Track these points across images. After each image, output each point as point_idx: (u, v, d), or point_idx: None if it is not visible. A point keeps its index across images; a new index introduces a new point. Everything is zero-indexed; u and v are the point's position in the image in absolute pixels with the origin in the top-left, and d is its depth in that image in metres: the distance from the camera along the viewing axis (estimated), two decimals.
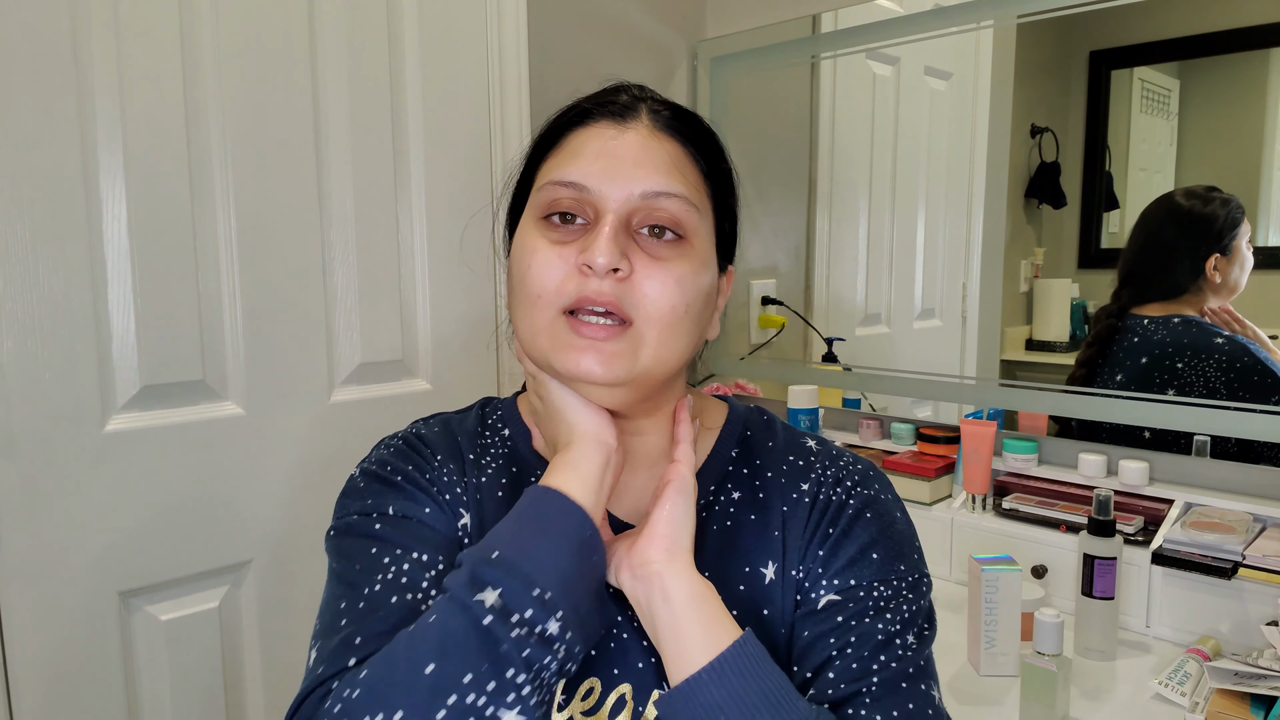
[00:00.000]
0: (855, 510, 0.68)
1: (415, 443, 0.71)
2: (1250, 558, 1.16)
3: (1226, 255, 1.30)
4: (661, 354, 0.62)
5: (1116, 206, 1.42)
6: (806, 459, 0.71)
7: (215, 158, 1.21)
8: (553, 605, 0.54)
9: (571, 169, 0.63)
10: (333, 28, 1.31)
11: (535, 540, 0.56)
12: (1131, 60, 1.39)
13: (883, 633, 0.63)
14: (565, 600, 0.55)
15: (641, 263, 0.61)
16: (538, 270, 0.62)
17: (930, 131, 1.65)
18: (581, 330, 0.60)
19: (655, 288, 0.61)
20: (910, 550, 0.68)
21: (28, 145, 1.05)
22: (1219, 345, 1.31)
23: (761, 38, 1.79)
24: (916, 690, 0.62)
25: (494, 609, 0.53)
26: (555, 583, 0.54)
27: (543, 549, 0.56)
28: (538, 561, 0.55)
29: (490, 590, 0.54)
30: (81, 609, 1.12)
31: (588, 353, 0.60)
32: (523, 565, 0.55)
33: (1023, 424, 1.52)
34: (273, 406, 1.27)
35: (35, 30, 1.05)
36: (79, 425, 1.11)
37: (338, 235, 1.33)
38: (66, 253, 1.08)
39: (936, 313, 1.66)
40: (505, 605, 0.53)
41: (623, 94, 0.67)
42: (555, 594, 0.54)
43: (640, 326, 0.61)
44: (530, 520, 0.57)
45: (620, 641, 0.65)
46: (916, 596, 0.66)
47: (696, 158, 0.66)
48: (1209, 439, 1.31)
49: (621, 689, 0.64)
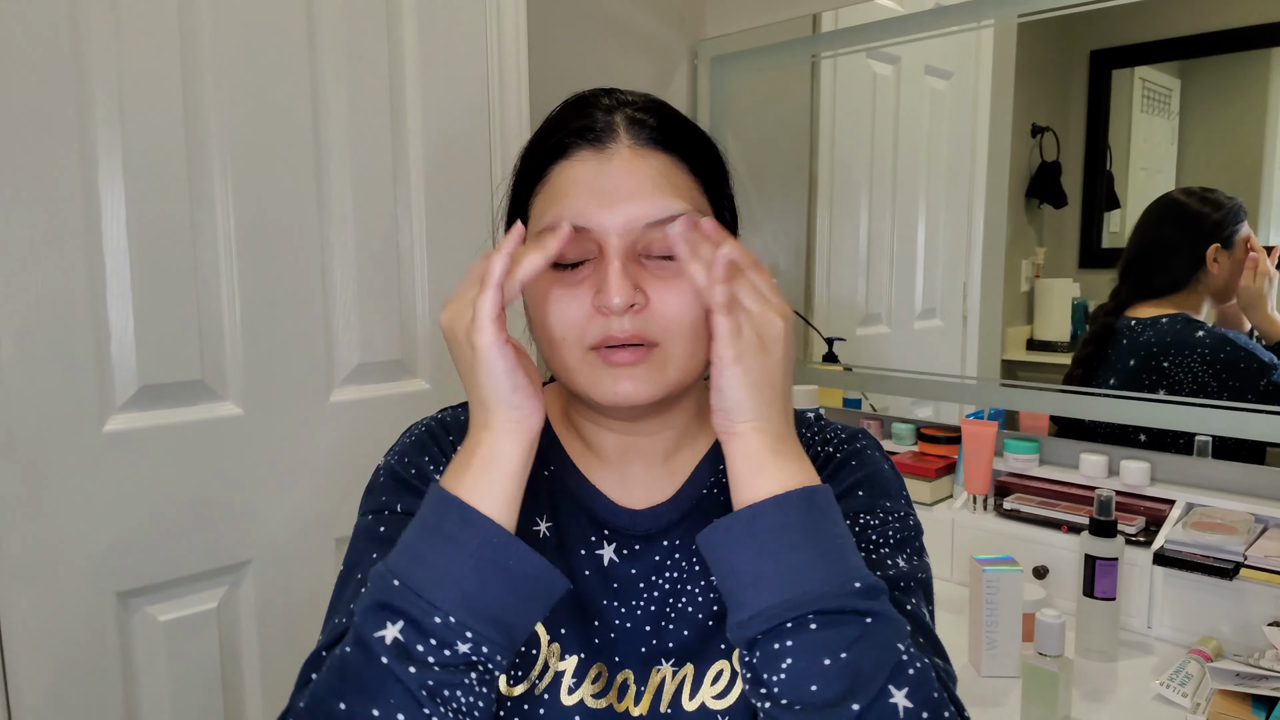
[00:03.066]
0: (841, 459, 0.71)
1: (437, 431, 0.72)
2: (1252, 558, 1.16)
3: (1228, 247, 1.29)
4: (688, 365, 0.64)
5: (1118, 206, 1.42)
6: (805, 427, 0.74)
7: (214, 158, 1.20)
8: (459, 628, 0.54)
9: (564, 210, 0.62)
10: (332, 27, 1.31)
11: (434, 560, 0.55)
12: (1132, 60, 1.39)
13: (869, 554, 0.65)
14: (475, 617, 0.54)
15: (654, 287, 0.62)
16: (556, 317, 0.63)
17: (931, 131, 1.64)
18: (611, 359, 0.62)
19: (673, 308, 0.62)
20: (897, 493, 0.70)
21: (27, 145, 1.05)
22: (1200, 339, 1.31)
23: (762, 37, 1.79)
24: (904, 603, 0.62)
25: (394, 645, 0.54)
26: (459, 604, 0.54)
27: (442, 569, 0.55)
28: (437, 585, 0.55)
29: (390, 626, 0.54)
30: (80, 609, 1.12)
31: (622, 380, 0.62)
32: (423, 592, 0.54)
33: (1024, 424, 1.52)
34: (272, 406, 1.27)
35: (35, 31, 1.05)
36: (78, 425, 1.10)
37: (337, 235, 1.33)
38: (65, 253, 1.08)
39: (937, 312, 1.66)
40: (406, 641, 0.54)
41: (596, 111, 0.65)
42: (461, 616, 0.54)
43: (666, 346, 0.62)
44: (429, 536, 0.57)
45: (623, 631, 0.67)
46: (904, 528, 0.68)
47: (682, 160, 0.65)
48: (1210, 439, 1.31)
49: (624, 674, 0.66)
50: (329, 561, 1.35)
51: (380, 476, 0.71)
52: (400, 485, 0.69)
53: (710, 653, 0.67)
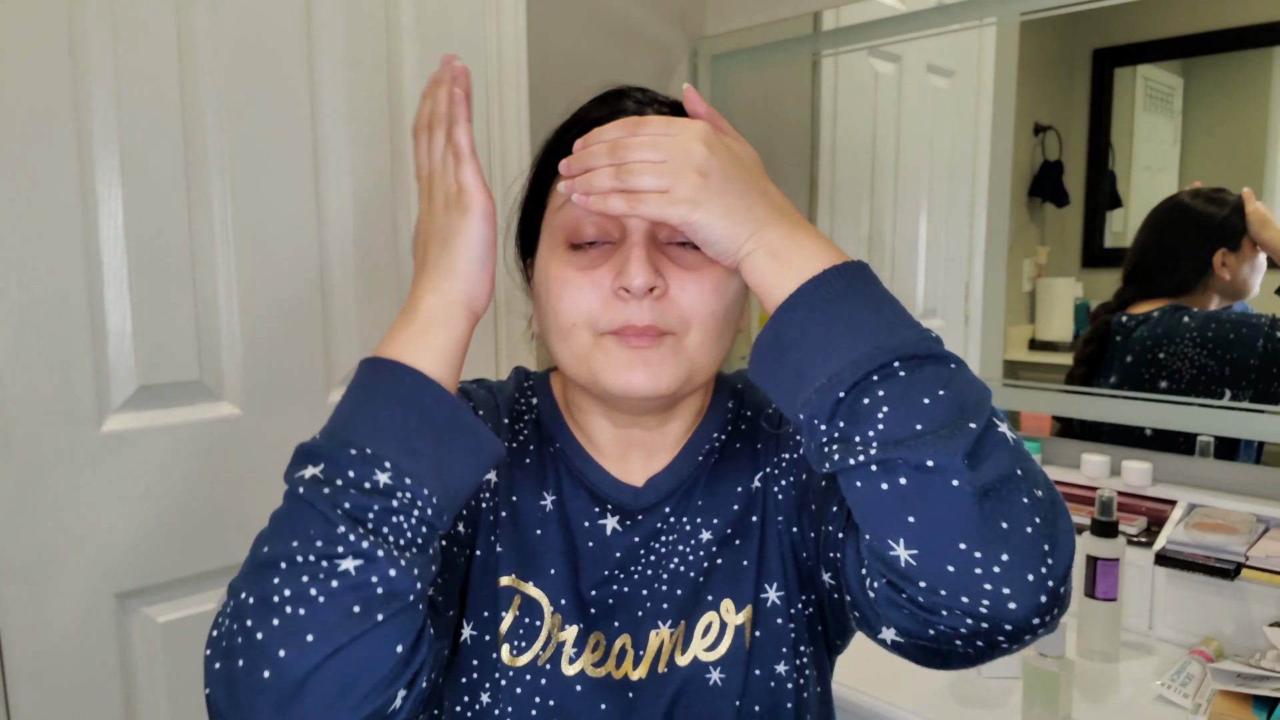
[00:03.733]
0: None
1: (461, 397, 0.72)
2: (1253, 559, 1.15)
3: (1236, 251, 1.29)
4: (703, 361, 0.63)
5: (1120, 205, 1.42)
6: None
7: (212, 157, 1.20)
8: (375, 459, 0.52)
9: None
10: (330, 27, 1.30)
11: (361, 409, 0.54)
12: (1135, 58, 1.38)
13: None
14: (397, 449, 0.52)
15: (675, 276, 0.61)
16: (571, 301, 0.62)
17: (933, 130, 1.64)
18: (629, 341, 0.60)
19: (693, 298, 0.61)
20: None
21: (23, 144, 1.04)
22: (1186, 325, 1.31)
23: (762, 35, 1.78)
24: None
25: (310, 480, 0.52)
26: (379, 439, 0.52)
27: (367, 413, 0.54)
28: (358, 424, 0.53)
29: (311, 467, 0.53)
30: (78, 611, 1.12)
31: (636, 367, 0.60)
32: (341, 432, 0.53)
33: (1025, 424, 1.52)
34: (270, 407, 1.27)
35: (31, 28, 1.04)
36: (75, 425, 1.10)
37: (334, 235, 1.33)
38: (62, 252, 1.08)
39: (939, 312, 1.65)
40: (322, 474, 0.52)
41: (628, 101, 0.66)
42: (378, 447, 0.52)
43: (682, 336, 0.62)
44: (359, 390, 0.56)
45: (621, 596, 0.68)
46: None
47: None
48: (1212, 439, 1.31)
49: (622, 639, 0.67)
50: None
51: None
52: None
53: (700, 607, 0.67)
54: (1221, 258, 1.30)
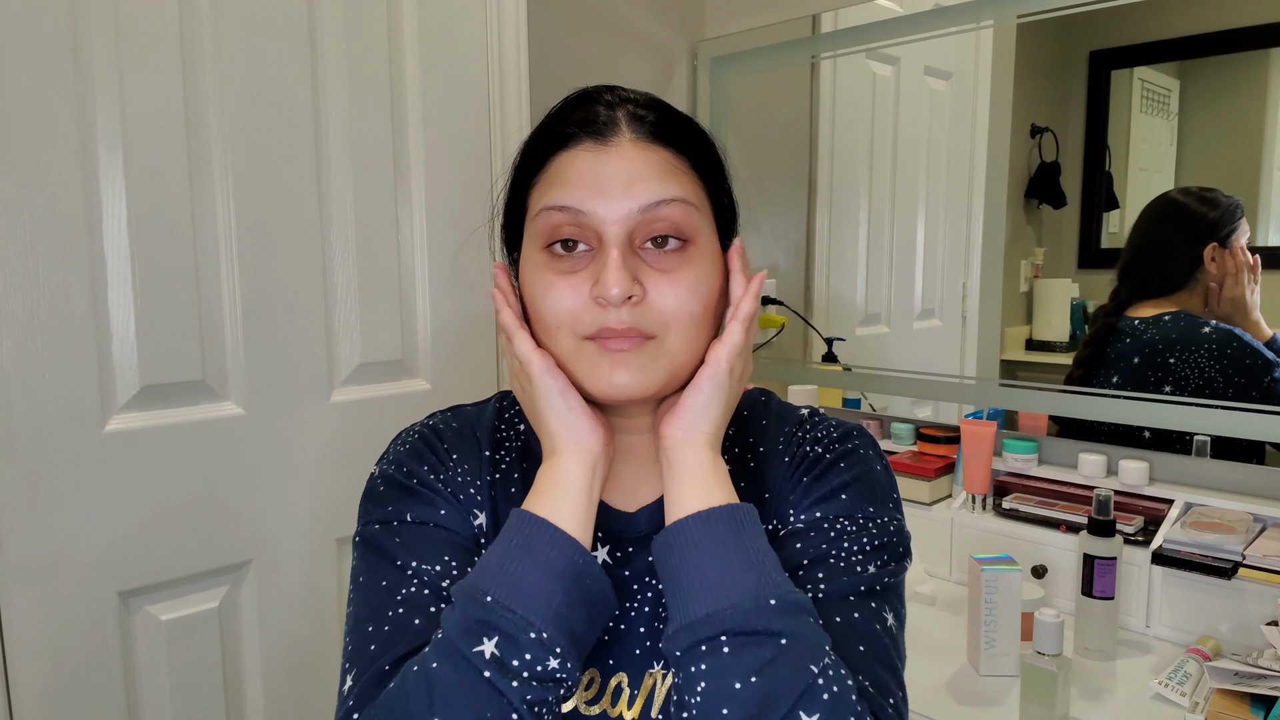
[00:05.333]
0: (831, 460, 0.70)
1: (431, 438, 0.72)
2: (1250, 558, 1.16)
3: (1225, 246, 1.30)
4: (684, 359, 0.64)
5: (1117, 206, 1.42)
6: (797, 426, 0.73)
7: (215, 158, 1.21)
8: (550, 644, 0.56)
9: (563, 194, 0.63)
10: (333, 28, 1.31)
11: (525, 578, 0.57)
12: (1132, 60, 1.39)
13: (839, 559, 0.64)
14: (561, 633, 0.56)
15: (652, 280, 0.62)
16: (552, 304, 0.63)
17: (930, 131, 1.65)
18: (608, 345, 0.62)
19: (670, 301, 0.62)
20: (884, 497, 0.69)
21: (28, 145, 1.05)
22: (1207, 335, 1.31)
23: (761, 38, 1.79)
24: (866, 606, 0.62)
25: (492, 660, 0.55)
26: (550, 620, 0.56)
27: (533, 586, 0.57)
28: (530, 601, 0.56)
29: (487, 641, 0.55)
30: (81, 609, 1.12)
31: (617, 369, 0.62)
32: (516, 607, 0.56)
33: (1023, 424, 1.52)
34: (273, 406, 1.27)
35: (35, 29, 1.05)
36: (79, 425, 1.11)
37: (337, 235, 1.33)
38: (67, 252, 1.08)
39: (936, 313, 1.66)
40: (503, 655, 0.55)
41: (599, 106, 0.65)
42: (551, 632, 0.56)
43: (662, 339, 0.63)
44: (519, 553, 0.59)
45: (618, 634, 0.68)
46: (882, 534, 0.66)
47: (682, 154, 0.65)
48: (1209, 439, 1.31)
49: (618, 677, 0.67)
50: (330, 561, 1.35)
51: (380, 485, 0.70)
52: (404, 493, 0.69)
53: None
54: (1211, 252, 1.31)
